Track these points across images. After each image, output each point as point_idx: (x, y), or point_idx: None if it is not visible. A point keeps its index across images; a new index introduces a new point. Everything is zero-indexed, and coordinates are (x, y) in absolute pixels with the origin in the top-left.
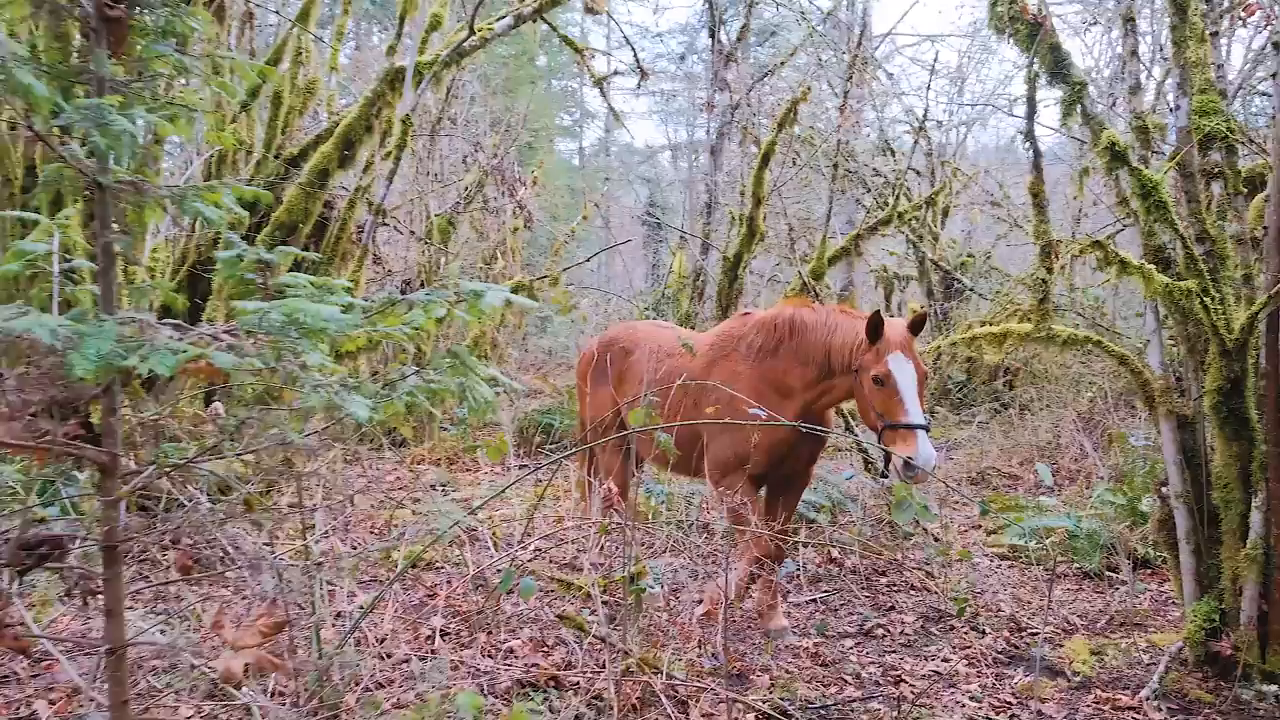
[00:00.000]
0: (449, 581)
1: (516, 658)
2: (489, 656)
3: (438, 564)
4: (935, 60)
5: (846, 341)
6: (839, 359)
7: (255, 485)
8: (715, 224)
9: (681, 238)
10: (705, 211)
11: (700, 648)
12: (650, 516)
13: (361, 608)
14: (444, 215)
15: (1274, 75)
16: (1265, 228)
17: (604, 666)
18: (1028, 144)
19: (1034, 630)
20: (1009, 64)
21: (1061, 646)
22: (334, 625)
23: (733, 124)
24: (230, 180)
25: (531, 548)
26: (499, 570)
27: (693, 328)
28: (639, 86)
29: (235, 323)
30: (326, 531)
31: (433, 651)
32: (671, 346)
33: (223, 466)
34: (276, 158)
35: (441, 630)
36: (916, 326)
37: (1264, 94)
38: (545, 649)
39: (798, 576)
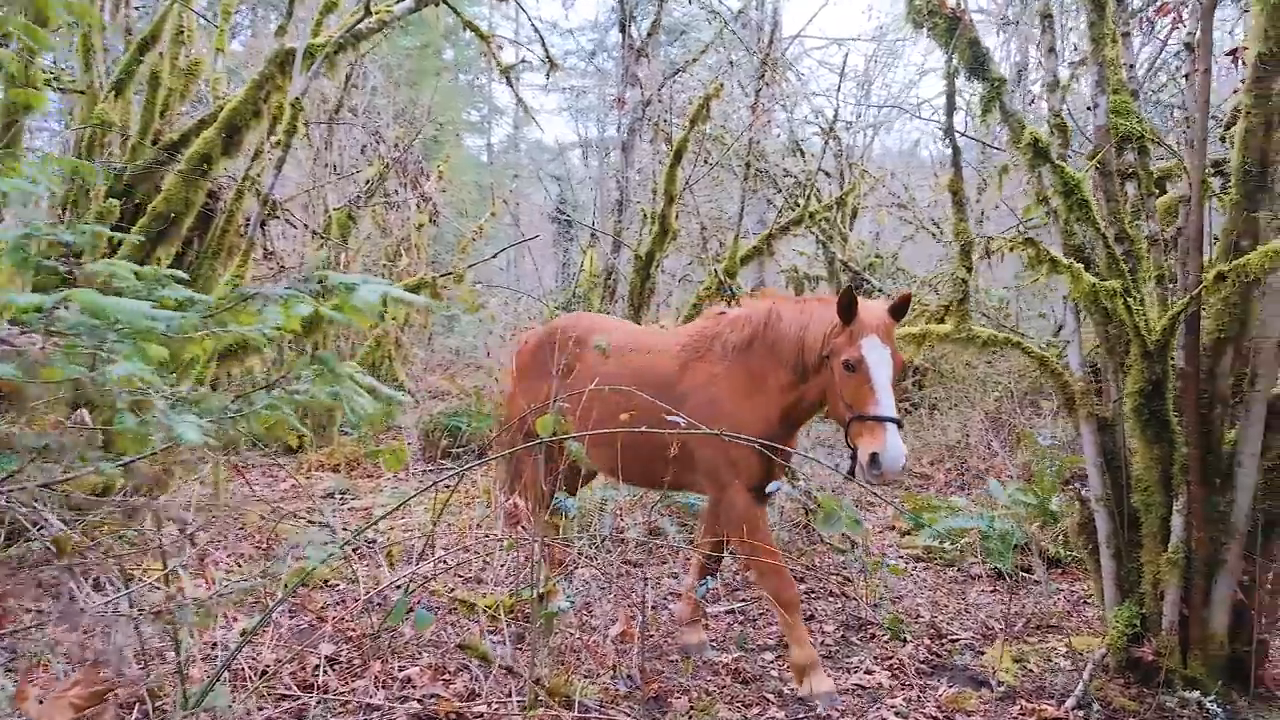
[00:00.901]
0: (342, 601)
1: (414, 688)
2: (384, 687)
3: (331, 581)
4: (845, 62)
5: (819, 333)
6: (812, 355)
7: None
8: (627, 222)
9: (592, 235)
10: (617, 209)
11: (615, 671)
12: (560, 531)
13: (244, 632)
14: (344, 209)
15: (1186, 76)
16: (1180, 228)
17: (511, 695)
18: (947, 140)
19: (955, 636)
20: (913, 68)
21: (983, 654)
22: (210, 658)
23: (644, 120)
24: (100, 163)
25: (434, 562)
26: (398, 587)
27: None
28: (548, 78)
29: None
30: (189, 559)
31: (320, 685)
32: (635, 342)
33: (28, 495)
34: (154, 143)
35: (331, 659)
36: (898, 311)
37: (1158, 104)
38: (447, 677)
39: (715, 588)
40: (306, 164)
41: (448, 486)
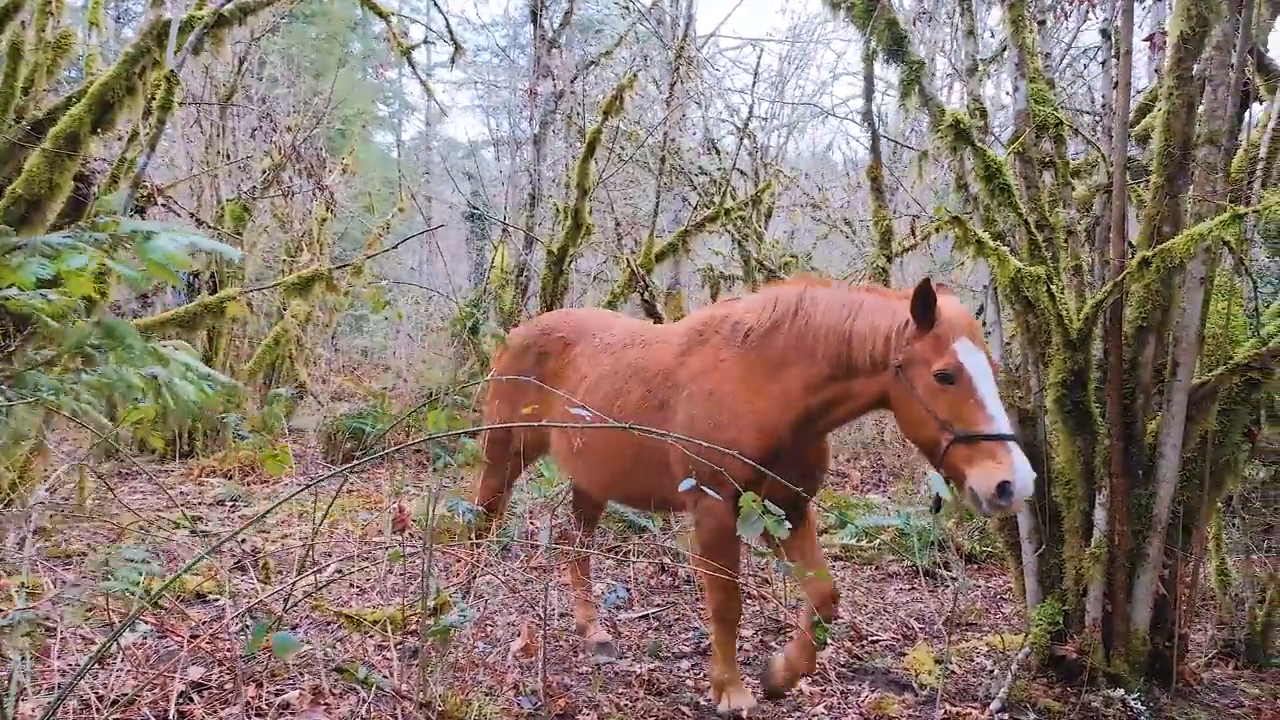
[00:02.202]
0: (220, 618)
1: (293, 715)
2: (258, 715)
3: (210, 596)
4: (759, 61)
5: (878, 326)
6: (865, 352)
7: None
8: (540, 218)
9: (504, 230)
10: (529, 204)
11: (518, 688)
12: (457, 536)
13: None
14: (238, 200)
15: (1103, 63)
16: (1098, 217)
17: None
18: (865, 126)
19: (875, 637)
20: (826, 71)
21: (904, 655)
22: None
23: (556, 113)
24: None
25: (314, 573)
26: (286, 599)
27: (517, 325)
28: (453, 61)
29: None
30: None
31: (184, 714)
32: (631, 336)
33: None
34: (18, 120)
35: (199, 684)
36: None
37: (1065, 107)
38: (330, 700)
39: (630, 591)
40: (198, 151)
41: (333, 489)
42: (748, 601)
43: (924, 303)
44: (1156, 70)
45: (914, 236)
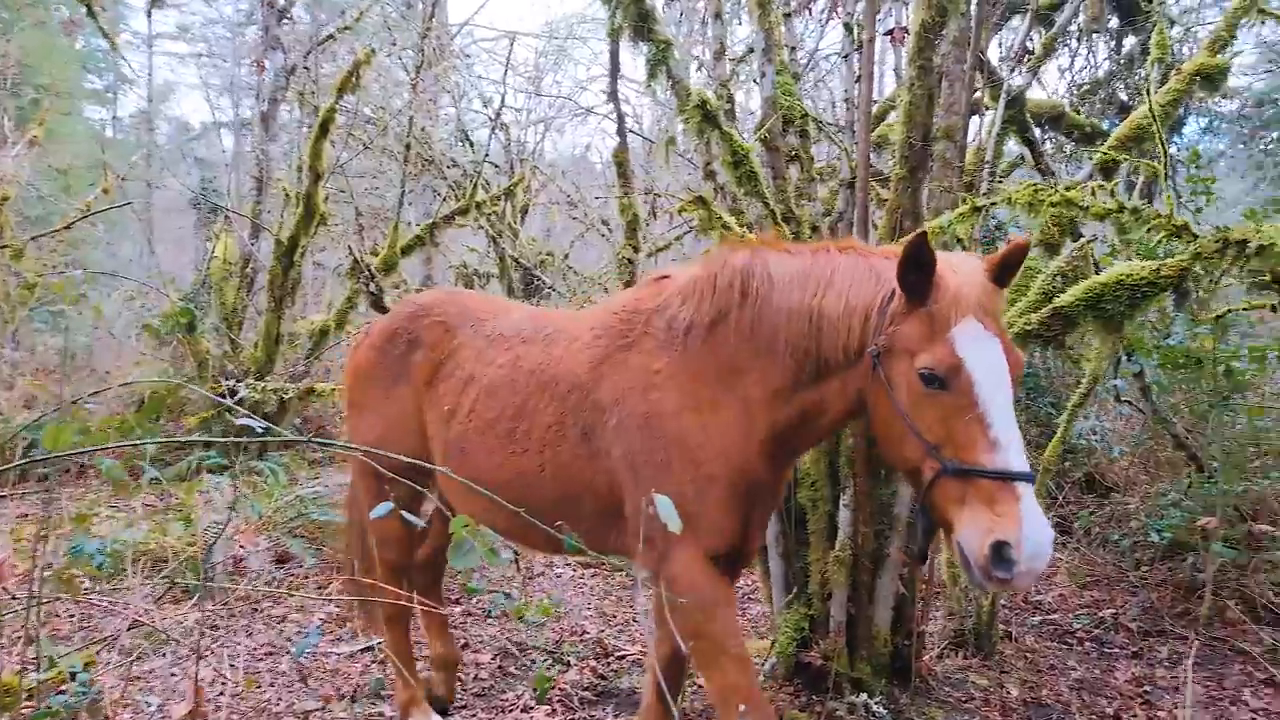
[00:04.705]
0: None
1: None
2: None
3: None
4: (510, 50)
5: (853, 302)
6: (836, 340)
7: None
8: (269, 205)
9: (226, 218)
10: (256, 189)
11: None
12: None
13: None
14: None
15: (845, 56)
16: (840, 213)
17: None
18: (611, 105)
19: (622, 652)
20: (583, 67)
21: None
22: None
23: (287, 89)
24: None
25: None
26: None
27: (241, 323)
28: (149, 16)
29: None
30: None
31: None
32: (532, 328)
33: None
34: None
35: None
36: (1006, 270)
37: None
38: None
39: (345, 622)
40: None
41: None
42: (487, 620)
43: (916, 265)
44: (896, 71)
45: (654, 216)
